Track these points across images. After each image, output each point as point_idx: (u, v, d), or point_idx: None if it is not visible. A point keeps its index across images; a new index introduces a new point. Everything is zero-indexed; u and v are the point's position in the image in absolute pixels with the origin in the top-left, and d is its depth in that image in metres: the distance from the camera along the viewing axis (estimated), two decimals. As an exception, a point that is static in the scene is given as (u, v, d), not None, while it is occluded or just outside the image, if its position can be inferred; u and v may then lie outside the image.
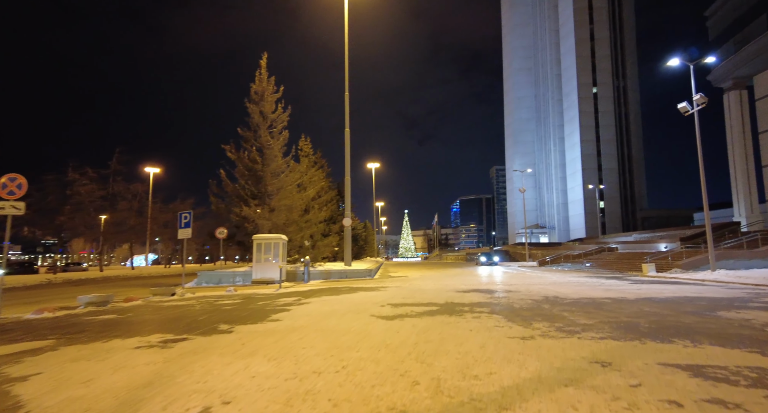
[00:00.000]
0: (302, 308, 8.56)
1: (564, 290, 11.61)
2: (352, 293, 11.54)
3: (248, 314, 7.86)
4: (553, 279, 16.62)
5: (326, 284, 16.37)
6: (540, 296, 10.05)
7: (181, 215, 13.66)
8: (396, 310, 7.86)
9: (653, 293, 10.26)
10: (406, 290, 12.29)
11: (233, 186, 22.41)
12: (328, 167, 36.72)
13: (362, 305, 8.67)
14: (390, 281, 16.96)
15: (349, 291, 12.34)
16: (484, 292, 11.35)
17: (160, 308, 9.06)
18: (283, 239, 18.94)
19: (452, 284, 14.43)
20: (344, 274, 20.87)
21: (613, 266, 25.02)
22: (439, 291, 11.79)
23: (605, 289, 11.67)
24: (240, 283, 19.82)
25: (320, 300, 9.95)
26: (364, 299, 10.03)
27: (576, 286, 13.00)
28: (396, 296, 10.67)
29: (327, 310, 8.08)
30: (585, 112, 67.87)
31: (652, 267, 16.79)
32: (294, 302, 9.77)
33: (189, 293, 13.09)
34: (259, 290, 14.31)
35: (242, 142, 22.96)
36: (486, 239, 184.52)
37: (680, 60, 15.09)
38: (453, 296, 10.18)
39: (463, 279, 17.49)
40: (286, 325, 6.40)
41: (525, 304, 8.46)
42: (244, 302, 9.95)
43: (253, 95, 22.85)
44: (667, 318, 6.50)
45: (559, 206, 76.80)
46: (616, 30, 71.88)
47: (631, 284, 13.58)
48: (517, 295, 10.32)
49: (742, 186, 37.88)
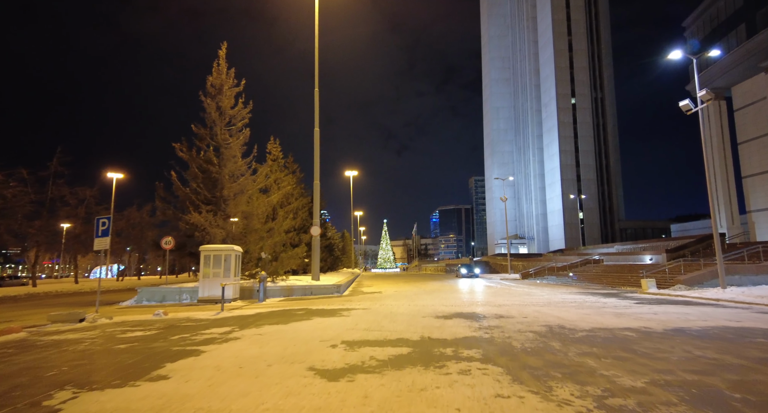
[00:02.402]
0: (221, 349, 6.11)
1: (566, 315, 9.51)
2: (305, 321, 9.13)
3: (136, 361, 5.38)
4: (544, 297, 14.60)
5: (283, 305, 13.84)
6: (541, 325, 7.90)
7: (98, 222, 10.97)
8: (350, 356, 5.53)
9: (678, 321, 8.27)
10: (373, 315, 9.96)
11: (185, 190, 19.71)
12: (301, 172, 34.35)
13: (306, 345, 6.30)
14: (358, 300, 14.57)
15: (302, 317, 9.91)
16: (469, 318, 9.14)
17: (22, 350, 6.43)
18: (236, 250, 16.33)
19: (431, 305, 12.18)
20: (309, 290, 18.34)
21: (603, 280, 23.34)
22: (413, 316, 9.50)
23: (615, 313, 9.63)
24: (186, 301, 17.10)
25: (256, 333, 7.51)
26: (316, 331, 7.65)
27: (576, 308, 10.96)
28: (359, 324, 8.33)
29: (251, 355, 5.67)
30: (564, 122, 67.73)
31: (653, 283, 15.01)
32: (221, 336, 7.31)
33: (104, 319, 10.39)
34: (195, 313, 11.69)
35: (196, 140, 20.35)
36: (465, 250, 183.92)
37: (682, 53, 13.59)
38: (431, 327, 7.91)
39: (443, 297, 15.27)
40: (163, 393, 3.98)
41: (527, 342, 6.27)
42: (156, 336, 7.41)
43: (210, 88, 20.35)
44: (748, 373, 4.41)
45: (538, 216, 76.16)
46: (594, 43, 72.64)
47: (639, 304, 11.64)
48: (511, 323, 8.14)
49: (723, 197, 37.36)
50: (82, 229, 28.48)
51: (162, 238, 19.33)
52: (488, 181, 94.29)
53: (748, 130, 35.88)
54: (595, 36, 72.82)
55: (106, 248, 10.82)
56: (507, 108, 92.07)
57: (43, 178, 24.93)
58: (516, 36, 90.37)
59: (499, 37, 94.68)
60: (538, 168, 77.33)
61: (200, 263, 16.00)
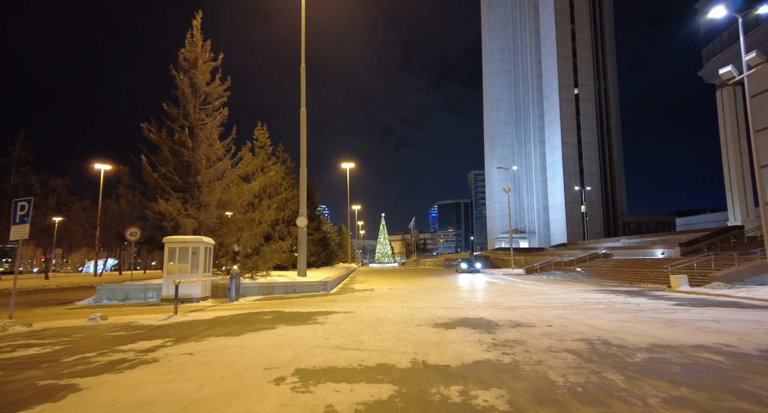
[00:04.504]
0: (110, 385, 4.04)
1: (600, 322, 7.48)
2: (266, 331, 7.07)
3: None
4: (560, 296, 12.60)
5: (254, 306, 11.79)
6: (575, 339, 5.86)
7: (16, 206, 8.85)
8: (295, 404, 3.47)
9: (761, 335, 6.25)
10: (354, 322, 7.91)
11: (154, 176, 17.55)
12: (292, 163, 32.28)
13: (239, 378, 4.23)
14: (344, 301, 12.53)
15: (265, 324, 7.85)
16: (477, 326, 7.10)
17: None
18: (206, 242, 14.25)
19: (428, 308, 10.14)
20: (291, 288, 16.30)
21: (617, 276, 21.36)
22: (405, 325, 7.47)
23: (662, 321, 7.60)
24: (153, 300, 15.09)
25: (186, 353, 5.45)
26: (268, 349, 5.59)
27: (605, 311, 8.94)
28: (331, 338, 6.28)
29: (142, 401, 3.61)
30: (566, 114, 65.52)
31: (684, 280, 13.01)
32: (136, 357, 5.24)
33: (19, 326, 8.33)
34: (143, 316, 9.63)
35: (168, 120, 18.15)
36: (464, 244, 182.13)
37: (726, 10, 11.57)
38: (427, 342, 5.87)
39: (442, 296, 13.24)
40: None
41: (569, 371, 4.22)
42: (46, 356, 5.32)
43: (182, 62, 18.12)
44: None
45: (539, 210, 74.16)
46: (597, 32, 70.20)
47: (682, 307, 9.63)
48: (535, 336, 6.10)
49: (737, 188, 35.31)
50: (52, 221, 26.32)
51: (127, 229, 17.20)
52: (488, 174, 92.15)
53: (766, 117, 33.79)
54: (598, 24, 70.38)
55: (24, 238, 8.72)
56: (507, 100, 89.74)
57: (4, 165, 22.73)
58: (517, 26, 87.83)
59: (500, 27, 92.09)
60: (540, 161, 75.23)
61: (164, 257, 13.93)
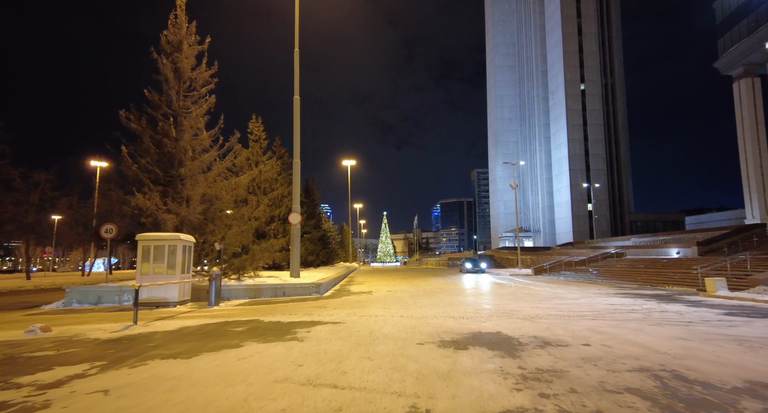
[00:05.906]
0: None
1: (654, 342, 5.96)
2: (227, 351, 5.60)
3: None
4: (580, 301, 11.09)
5: (233, 313, 10.32)
6: (633, 369, 4.36)
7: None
8: None
9: None
10: (341, 339, 6.42)
11: (134, 169, 16.11)
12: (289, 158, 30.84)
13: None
14: (335, 307, 11.05)
15: (231, 340, 6.38)
16: (496, 346, 5.62)
17: None
18: (184, 240, 12.80)
19: (432, 317, 8.65)
20: (281, 290, 14.83)
21: (636, 278, 19.81)
22: (404, 343, 5.98)
23: (731, 339, 6.08)
24: (128, 303, 13.67)
25: (101, 390, 3.97)
26: (215, 384, 4.12)
27: (647, 323, 7.43)
28: (303, 367, 4.79)
29: None
30: (572, 110, 63.74)
31: (722, 284, 11.45)
32: (24, 400, 3.80)
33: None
34: (96, 326, 8.18)
35: (149, 108, 16.71)
36: (467, 243, 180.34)
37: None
38: (431, 373, 4.38)
39: (449, 301, 11.74)
40: None
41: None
42: None
43: (165, 45, 16.69)
44: None
45: (544, 208, 72.46)
46: (604, 26, 68.30)
47: (740, 318, 8.11)
48: (575, 362, 4.62)
49: (756, 184, 33.68)
50: (35, 218, 25.00)
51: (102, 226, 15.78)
52: (492, 172, 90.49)
53: (788, 109, 32.12)
54: (605, 18, 68.50)
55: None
56: (512, 96, 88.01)
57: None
58: (522, 20, 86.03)
59: (504, 22, 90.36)
60: (545, 158, 73.49)
61: (138, 256, 12.50)
